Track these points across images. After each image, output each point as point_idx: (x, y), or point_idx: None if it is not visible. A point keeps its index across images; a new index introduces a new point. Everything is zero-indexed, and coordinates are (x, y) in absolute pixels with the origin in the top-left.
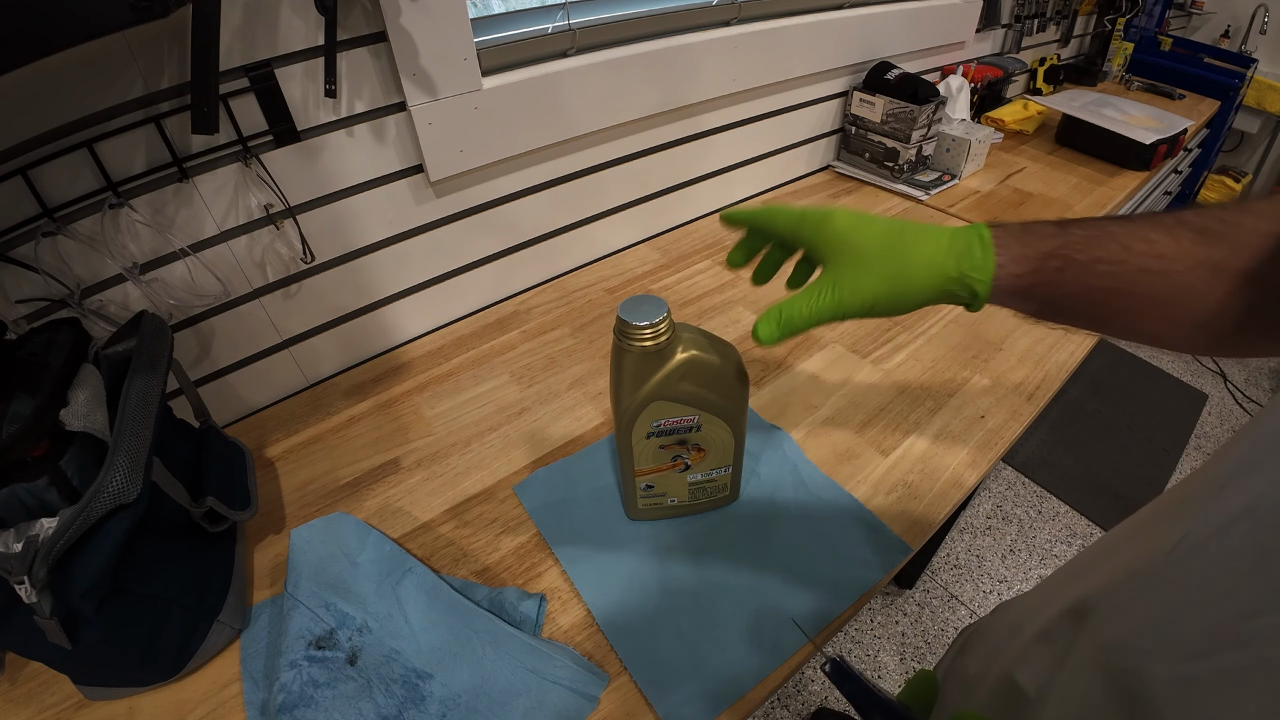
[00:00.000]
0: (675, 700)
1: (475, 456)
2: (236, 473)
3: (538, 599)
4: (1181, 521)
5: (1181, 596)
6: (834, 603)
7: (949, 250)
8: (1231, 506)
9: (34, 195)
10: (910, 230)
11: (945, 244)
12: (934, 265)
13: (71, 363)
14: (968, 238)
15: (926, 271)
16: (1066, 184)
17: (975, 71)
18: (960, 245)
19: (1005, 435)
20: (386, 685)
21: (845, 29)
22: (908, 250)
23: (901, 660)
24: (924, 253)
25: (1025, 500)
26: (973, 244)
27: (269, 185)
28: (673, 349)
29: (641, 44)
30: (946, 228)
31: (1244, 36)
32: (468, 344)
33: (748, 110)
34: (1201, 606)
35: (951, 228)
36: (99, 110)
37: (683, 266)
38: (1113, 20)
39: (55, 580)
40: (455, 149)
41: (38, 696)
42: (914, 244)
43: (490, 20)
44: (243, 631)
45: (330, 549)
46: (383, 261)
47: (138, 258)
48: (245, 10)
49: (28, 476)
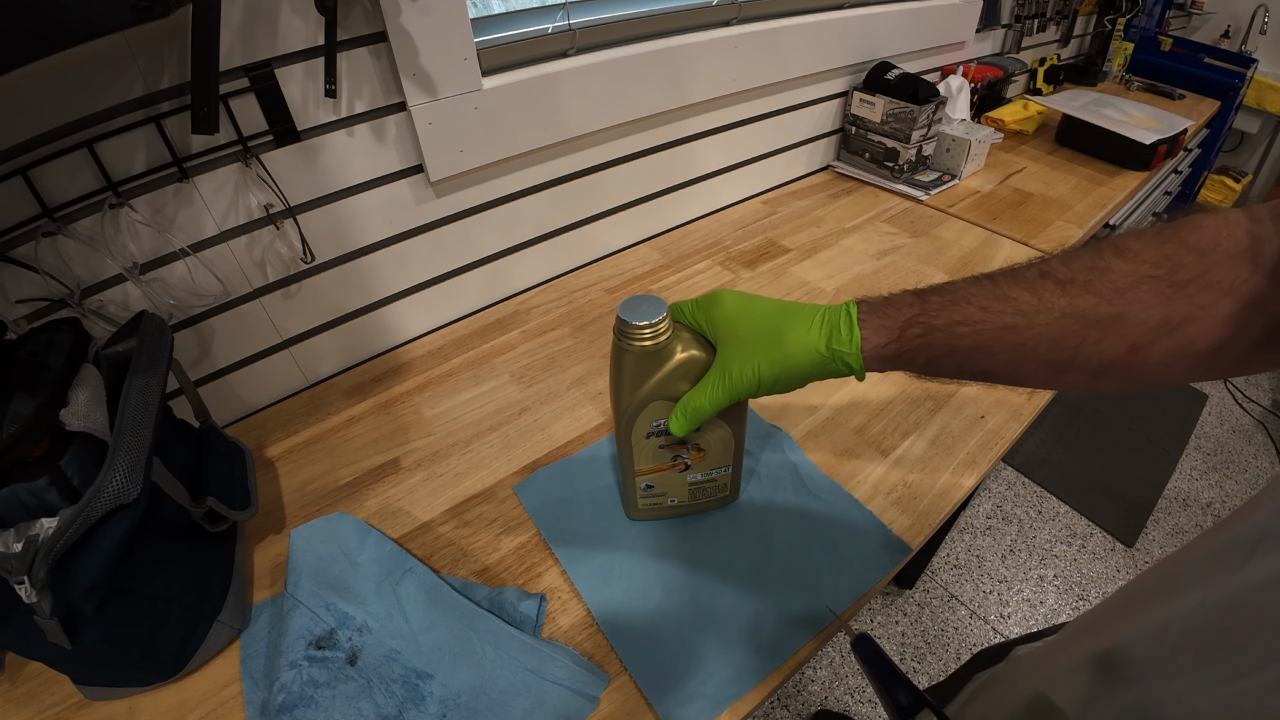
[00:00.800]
0: (675, 700)
1: (475, 456)
2: (236, 473)
3: (538, 599)
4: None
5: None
6: (834, 603)
7: (819, 330)
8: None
9: (34, 195)
10: (787, 312)
11: (817, 323)
12: (807, 344)
13: (71, 363)
14: (835, 316)
15: (802, 350)
16: (1066, 184)
17: (975, 71)
18: (829, 324)
19: (1005, 435)
20: (386, 685)
21: (845, 29)
22: (783, 332)
23: (901, 660)
24: (797, 333)
25: (1025, 500)
26: (839, 321)
27: (269, 185)
28: (672, 349)
29: (641, 44)
30: (820, 306)
31: (1244, 36)
32: (468, 344)
33: (748, 110)
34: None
35: (824, 306)
36: (99, 110)
37: (683, 266)
38: (1113, 20)
39: (55, 580)
40: (455, 149)
41: (38, 696)
42: (789, 326)
43: (490, 20)
44: (243, 631)
45: (330, 549)
46: (383, 261)
47: (138, 258)
48: (245, 10)
49: (28, 476)
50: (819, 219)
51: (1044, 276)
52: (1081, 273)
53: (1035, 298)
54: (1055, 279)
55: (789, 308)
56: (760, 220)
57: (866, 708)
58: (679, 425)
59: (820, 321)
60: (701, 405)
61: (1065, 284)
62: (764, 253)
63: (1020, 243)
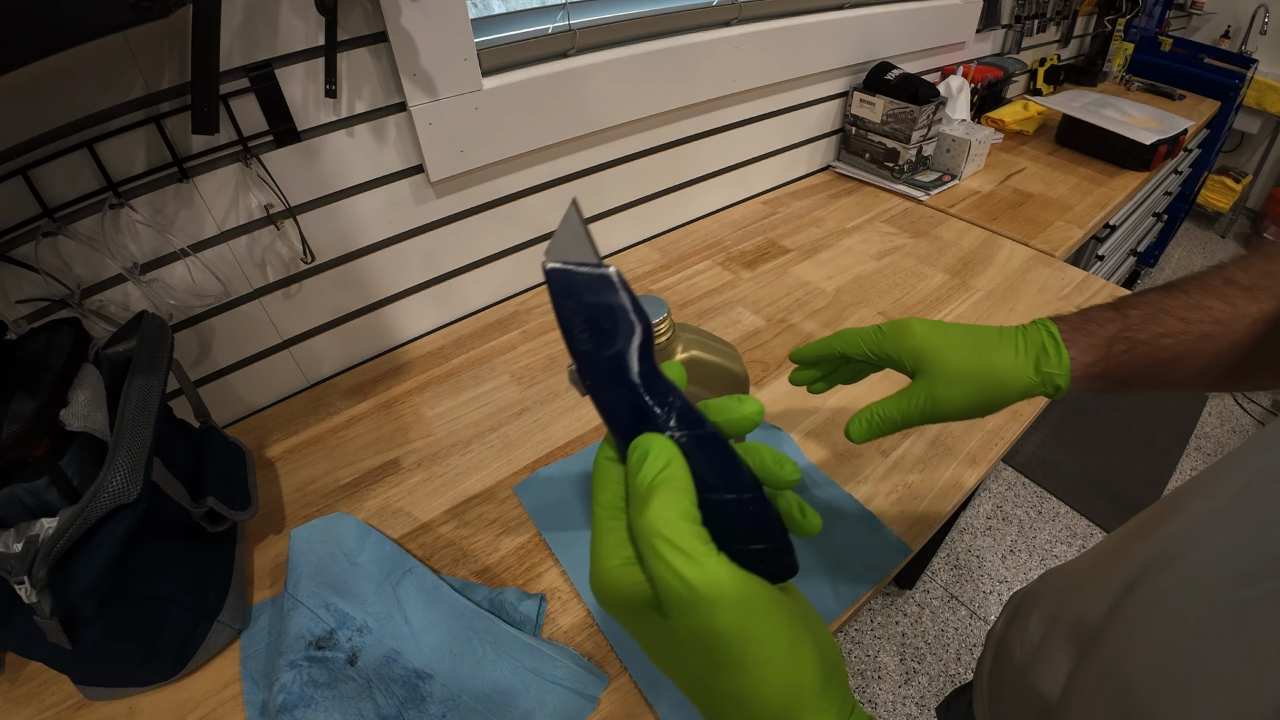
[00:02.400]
0: (675, 700)
1: (475, 457)
2: (237, 473)
3: (538, 599)
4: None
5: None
6: (834, 603)
7: (1025, 354)
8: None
9: (34, 195)
10: (986, 337)
11: (1021, 348)
12: (1018, 371)
13: (72, 363)
14: (1039, 338)
15: (1013, 377)
16: (1067, 184)
17: (975, 72)
18: (1034, 346)
19: (1005, 435)
20: (386, 685)
21: (845, 29)
22: (990, 360)
23: (902, 661)
24: (1004, 360)
25: (1025, 500)
26: (1045, 344)
27: (269, 185)
28: (673, 349)
29: (642, 44)
30: (1012, 329)
31: (1244, 37)
32: (468, 344)
33: (748, 110)
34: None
35: (1018, 328)
36: (99, 110)
37: (683, 266)
38: (1113, 21)
39: (55, 580)
40: (455, 149)
41: (38, 696)
42: (994, 353)
43: (490, 20)
44: (243, 631)
45: (330, 549)
46: (383, 261)
47: (138, 258)
48: (245, 10)
49: (28, 476)
50: (819, 219)
51: (1229, 284)
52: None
53: (1229, 305)
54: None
55: (985, 333)
56: (760, 220)
57: (866, 708)
58: (859, 430)
59: (1023, 345)
60: (893, 416)
61: (1251, 290)
62: (764, 253)
63: (1020, 243)
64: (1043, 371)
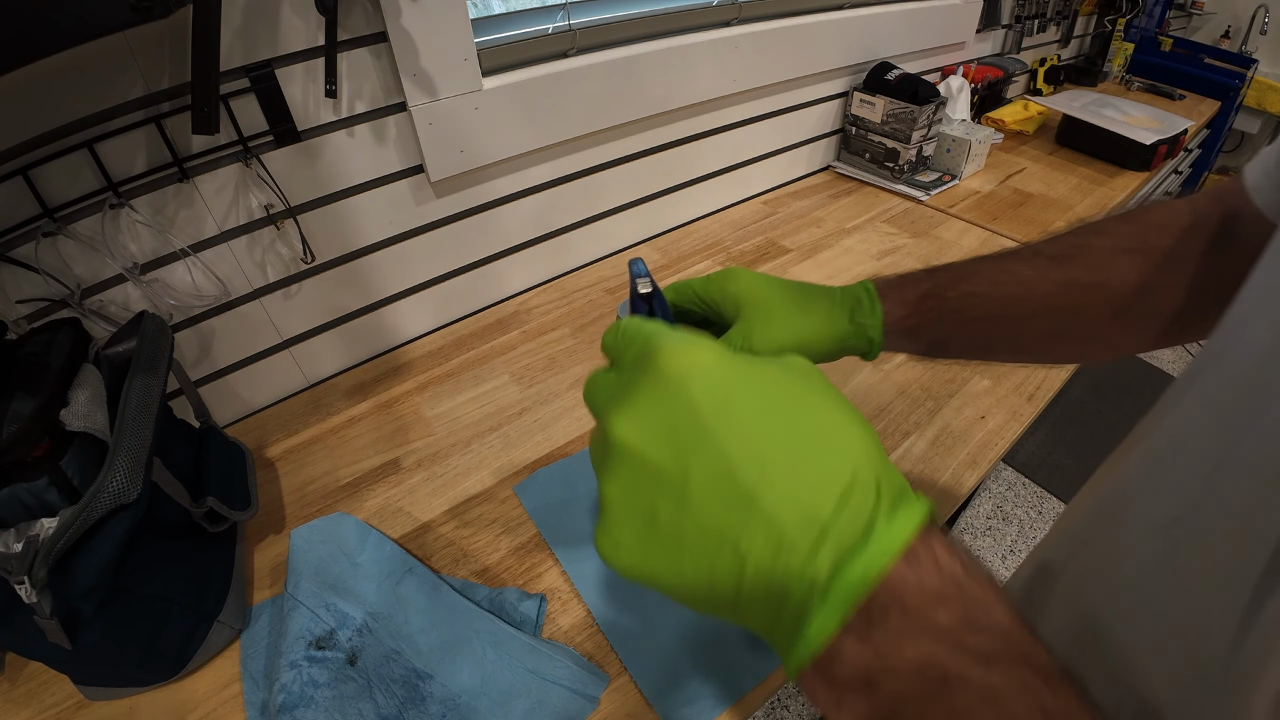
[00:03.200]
0: (675, 701)
1: (475, 457)
2: (237, 473)
3: (538, 599)
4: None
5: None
6: None
7: (841, 305)
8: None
9: (34, 195)
10: (807, 288)
11: (838, 299)
12: (831, 318)
13: (72, 363)
14: (855, 292)
15: (826, 324)
16: (1067, 184)
17: (975, 72)
18: (850, 299)
19: (1005, 435)
20: (386, 685)
21: (845, 29)
22: (808, 306)
23: None
24: (821, 308)
25: (1025, 501)
26: (860, 297)
27: (269, 185)
28: None
29: (642, 44)
30: (835, 287)
31: (1244, 37)
32: (468, 344)
33: (748, 110)
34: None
35: (839, 286)
36: (99, 110)
37: (683, 267)
38: (1113, 21)
39: (55, 580)
40: (455, 149)
41: (38, 696)
42: (811, 301)
43: (490, 20)
44: (243, 631)
45: (330, 549)
46: (383, 261)
47: (138, 258)
48: (246, 10)
49: (28, 476)
50: (819, 219)
51: (1036, 254)
52: (1068, 249)
53: (1034, 270)
54: (1047, 255)
55: (808, 286)
56: (760, 220)
57: None
58: None
59: (840, 297)
60: None
61: (1057, 258)
62: (764, 253)
63: (1021, 243)
64: (856, 321)
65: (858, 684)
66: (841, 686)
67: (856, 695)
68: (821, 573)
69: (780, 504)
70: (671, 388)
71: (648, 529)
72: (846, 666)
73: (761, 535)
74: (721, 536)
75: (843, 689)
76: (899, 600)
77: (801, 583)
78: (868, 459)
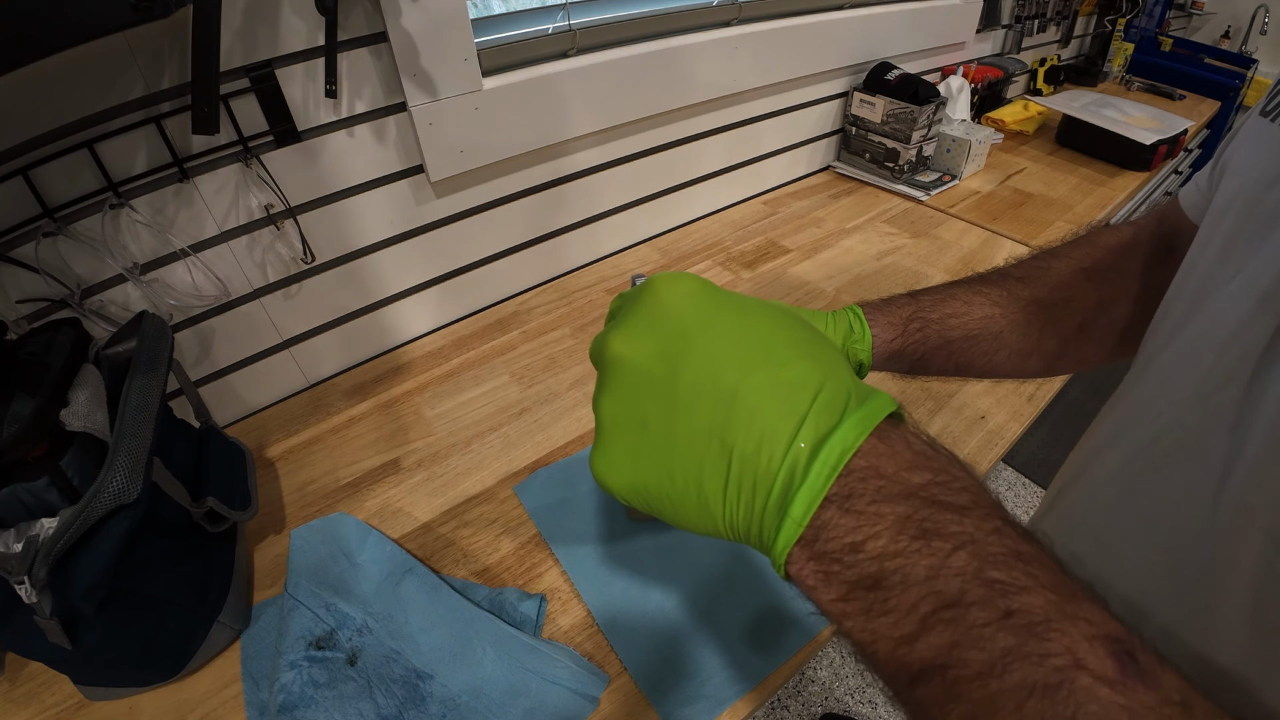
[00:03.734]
0: (675, 701)
1: (475, 457)
2: (237, 473)
3: (538, 599)
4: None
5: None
6: None
7: (834, 331)
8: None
9: (34, 195)
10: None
11: (829, 325)
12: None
13: (72, 363)
14: (846, 319)
15: None
16: (1067, 184)
17: (975, 72)
18: (842, 325)
19: (1005, 435)
20: (386, 686)
21: (845, 29)
22: None
23: None
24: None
25: (1025, 500)
26: (852, 323)
27: (269, 185)
28: None
29: (642, 44)
30: (824, 312)
31: (1244, 37)
32: (468, 344)
33: (748, 111)
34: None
35: (828, 312)
36: (99, 110)
37: (683, 267)
38: (1113, 21)
39: (55, 580)
40: (455, 149)
41: (38, 696)
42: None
43: (490, 21)
44: (243, 632)
45: (330, 549)
46: (383, 261)
47: (138, 258)
48: (246, 10)
49: (28, 476)
50: (819, 219)
51: (1004, 276)
52: (1032, 271)
53: (1004, 291)
54: (1014, 276)
55: (798, 311)
56: (760, 221)
57: (867, 708)
58: None
59: (833, 324)
60: None
61: (1023, 279)
62: (764, 253)
63: (1020, 243)
64: (849, 348)
65: (844, 552)
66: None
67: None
68: (802, 454)
69: (762, 400)
70: (661, 307)
71: (639, 438)
72: (832, 538)
73: (745, 427)
74: (710, 432)
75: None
76: (875, 468)
77: (785, 465)
78: (838, 369)
